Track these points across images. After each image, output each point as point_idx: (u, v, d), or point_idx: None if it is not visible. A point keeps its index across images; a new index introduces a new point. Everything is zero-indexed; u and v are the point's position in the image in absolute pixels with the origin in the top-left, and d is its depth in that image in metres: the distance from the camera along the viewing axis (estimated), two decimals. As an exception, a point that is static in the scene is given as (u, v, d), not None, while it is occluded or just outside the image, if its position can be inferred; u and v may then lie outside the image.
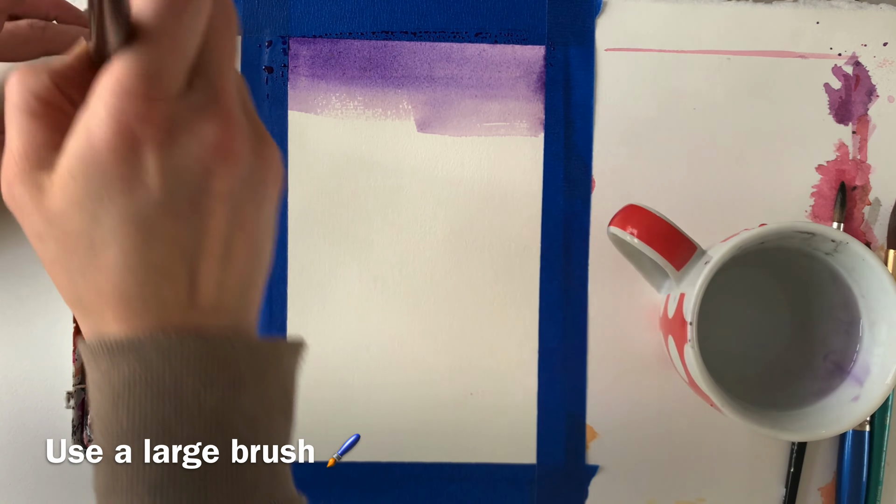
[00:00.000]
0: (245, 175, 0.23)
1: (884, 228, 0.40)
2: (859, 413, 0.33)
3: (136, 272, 0.22)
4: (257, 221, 0.24)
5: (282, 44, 0.40)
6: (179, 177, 0.22)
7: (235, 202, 0.23)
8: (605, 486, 0.40)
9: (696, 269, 0.34)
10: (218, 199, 0.22)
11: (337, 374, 0.40)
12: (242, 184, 0.23)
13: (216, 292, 0.23)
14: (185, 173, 0.22)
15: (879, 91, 0.41)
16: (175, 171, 0.22)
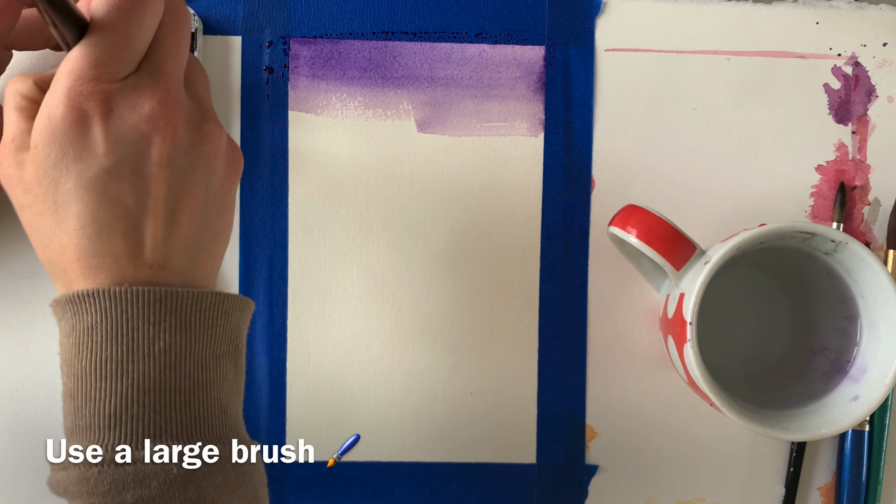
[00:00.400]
0: (185, 146, 0.27)
1: (883, 228, 0.40)
2: (859, 413, 0.33)
3: (88, 229, 0.26)
4: (202, 192, 0.28)
5: (282, 44, 0.40)
6: (121, 144, 0.26)
7: (176, 170, 0.27)
8: (605, 486, 0.40)
9: (695, 269, 0.34)
10: (157, 165, 0.27)
11: (337, 374, 0.40)
12: (182, 154, 0.27)
13: (162, 249, 0.27)
14: (125, 141, 0.26)
15: (879, 91, 0.41)
16: (117, 139, 0.26)
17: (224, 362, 0.28)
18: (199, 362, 0.27)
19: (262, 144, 0.40)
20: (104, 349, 0.26)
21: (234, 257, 0.40)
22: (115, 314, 0.26)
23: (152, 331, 0.26)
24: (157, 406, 0.26)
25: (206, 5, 0.40)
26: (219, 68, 0.40)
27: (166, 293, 0.26)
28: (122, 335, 0.26)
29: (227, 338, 0.28)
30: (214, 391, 0.28)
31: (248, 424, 0.40)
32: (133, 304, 0.26)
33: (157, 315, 0.26)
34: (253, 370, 0.40)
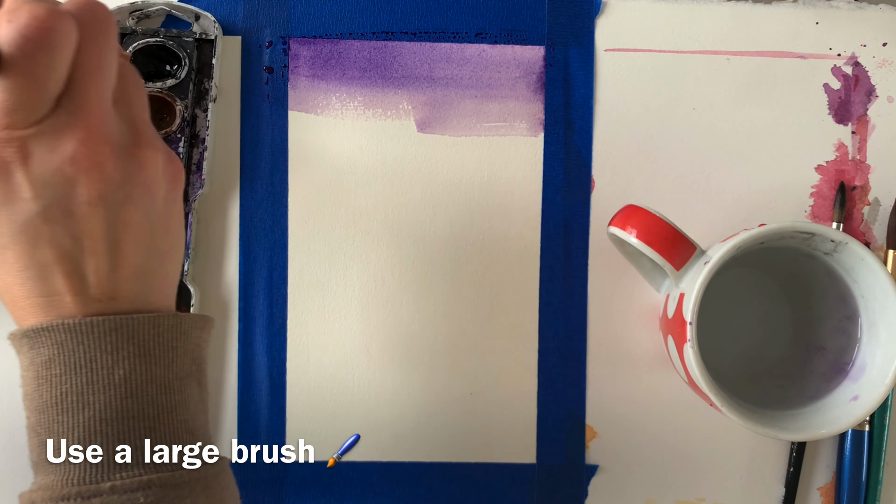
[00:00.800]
0: (118, 180, 0.26)
1: (883, 228, 0.40)
2: (859, 413, 0.33)
3: (30, 271, 0.25)
4: (144, 219, 0.27)
5: (282, 44, 0.40)
6: (47, 188, 0.25)
7: (111, 205, 0.26)
8: (605, 486, 0.40)
9: (695, 269, 0.34)
10: (88, 204, 0.25)
11: (337, 374, 0.40)
12: (117, 188, 0.26)
13: (109, 283, 0.26)
14: (52, 185, 0.25)
15: (879, 91, 0.41)
16: (43, 184, 0.25)
17: (188, 383, 0.28)
18: (162, 386, 0.26)
19: (262, 144, 0.40)
20: (63, 381, 0.25)
21: (234, 257, 0.40)
22: (71, 346, 0.25)
23: (110, 360, 0.25)
24: (122, 434, 0.26)
25: (206, 5, 0.40)
26: (219, 68, 0.40)
27: (122, 321, 0.26)
28: (80, 366, 0.25)
29: (188, 358, 0.28)
30: (180, 413, 0.27)
31: (248, 424, 0.40)
32: (88, 334, 0.25)
33: (114, 343, 0.26)
34: (253, 370, 0.40)
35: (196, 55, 0.39)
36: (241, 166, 0.40)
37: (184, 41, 0.39)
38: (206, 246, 0.40)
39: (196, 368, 0.28)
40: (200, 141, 0.39)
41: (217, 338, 0.40)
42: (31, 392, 0.26)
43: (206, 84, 0.39)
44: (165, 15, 0.40)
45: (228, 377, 0.40)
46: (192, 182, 0.39)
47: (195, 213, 0.39)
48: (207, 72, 0.39)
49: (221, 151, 0.40)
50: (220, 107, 0.40)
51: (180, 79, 0.38)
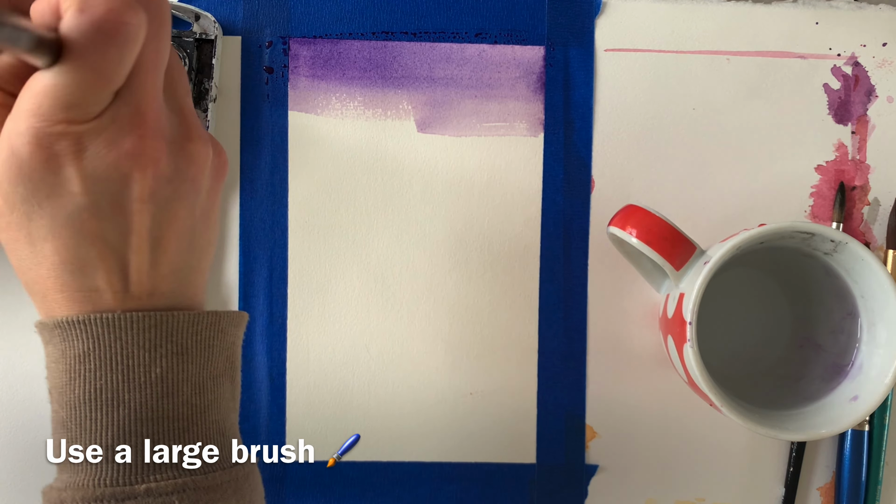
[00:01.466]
0: (168, 176, 0.25)
1: (883, 228, 0.40)
2: (858, 413, 0.33)
3: (70, 266, 0.24)
4: (188, 215, 0.26)
5: (282, 44, 0.40)
6: (100, 183, 0.24)
7: (160, 201, 0.25)
8: (605, 486, 0.40)
9: (695, 269, 0.34)
10: (139, 201, 0.25)
11: (337, 374, 0.40)
12: (166, 184, 0.25)
13: (149, 280, 0.25)
14: (104, 180, 0.24)
15: (879, 91, 0.41)
16: (95, 179, 0.24)
17: (221, 381, 0.27)
18: (197, 386, 0.26)
19: (262, 144, 0.40)
20: (98, 377, 0.24)
21: (234, 257, 0.40)
22: (108, 341, 0.24)
23: (148, 357, 0.25)
24: (156, 436, 0.25)
25: (206, 5, 0.40)
26: (219, 68, 0.40)
27: (161, 318, 0.25)
28: (116, 363, 0.24)
29: (223, 356, 0.27)
30: (212, 414, 0.27)
31: (248, 424, 0.40)
32: (127, 330, 0.25)
33: (152, 340, 0.25)
34: (253, 370, 0.40)
35: (196, 55, 0.39)
36: (241, 166, 0.40)
37: (184, 41, 0.39)
38: (206, 246, 0.40)
39: (230, 366, 0.28)
40: (200, 141, 0.39)
41: (217, 338, 0.40)
42: (62, 386, 0.25)
43: (207, 84, 0.39)
44: (165, 15, 0.40)
45: (228, 377, 0.40)
46: (192, 182, 0.39)
47: (195, 213, 0.39)
48: (207, 72, 0.39)
49: (221, 151, 0.40)
50: (221, 107, 0.40)
51: (180, 79, 0.38)
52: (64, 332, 0.25)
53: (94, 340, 0.24)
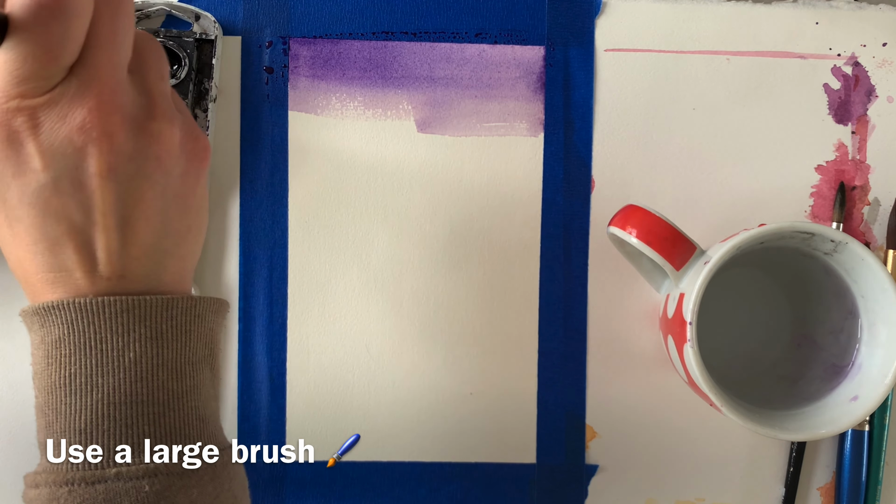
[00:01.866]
0: (128, 152, 0.25)
1: (883, 228, 0.40)
2: (859, 413, 0.33)
3: (40, 245, 0.25)
4: (156, 196, 0.26)
5: (282, 44, 0.40)
6: (57, 158, 0.24)
7: (122, 178, 0.25)
8: (605, 486, 0.40)
9: (695, 269, 0.34)
10: (98, 176, 0.25)
11: (337, 374, 0.40)
12: (127, 160, 0.25)
13: (119, 261, 0.25)
14: (61, 155, 0.24)
15: (879, 91, 0.41)
16: (52, 154, 0.24)
17: (201, 368, 0.27)
18: (174, 371, 0.26)
19: (262, 144, 0.40)
20: (72, 362, 0.25)
21: (234, 257, 0.40)
22: (81, 326, 0.25)
23: (121, 342, 0.25)
24: (129, 420, 0.25)
25: (205, 5, 0.40)
26: (219, 68, 0.40)
27: (134, 302, 0.25)
28: (90, 347, 0.25)
29: (202, 342, 0.27)
30: (192, 400, 0.27)
31: (248, 424, 0.40)
32: (99, 314, 0.25)
33: (125, 325, 0.25)
34: (253, 370, 0.40)
35: (196, 55, 0.39)
36: (241, 166, 0.40)
37: (184, 41, 0.39)
38: (205, 246, 0.40)
39: (209, 353, 0.28)
40: (200, 141, 0.39)
41: (217, 338, 0.40)
42: (41, 371, 0.25)
43: (206, 84, 0.39)
44: (165, 15, 0.40)
45: (228, 377, 0.40)
46: (192, 182, 0.39)
47: (195, 213, 0.39)
48: (207, 72, 0.39)
49: (221, 151, 0.40)
50: (221, 107, 0.40)
51: (180, 79, 0.38)
52: (42, 318, 0.25)
53: (69, 325, 0.25)
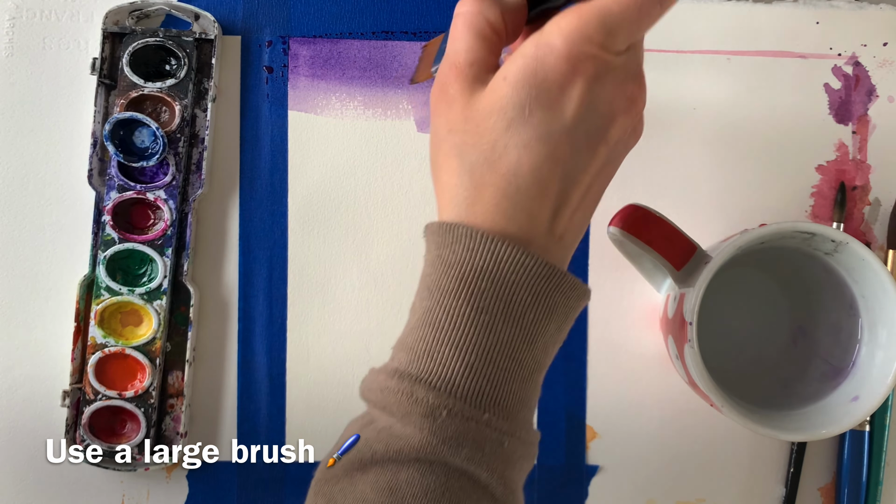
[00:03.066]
0: (630, 131, 0.27)
1: (884, 228, 0.40)
2: (859, 413, 0.33)
3: (522, 181, 0.25)
4: (610, 176, 0.28)
5: (282, 44, 0.40)
6: (591, 113, 0.25)
7: (615, 152, 0.27)
8: (605, 486, 0.40)
9: (696, 269, 0.34)
10: (605, 144, 0.26)
11: (337, 374, 0.40)
12: (627, 139, 0.27)
13: (566, 223, 0.26)
14: (596, 112, 0.25)
15: (879, 91, 0.41)
16: (590, 107, 0.25)
17: (555, 349, 0.27)
18: (545, 347, 0.26)
19: (261, 144, 0.40)
20: (485, 298, 0.25)
21: (234, 257, 0.40)
22: (507, 270, 0.25)
23: (529, 302, 0.25)
24: (508, 374, 0.25)
25: (205, 5, 0.40)
26: (218, 67, 0.40)
27: (554, 273, 0.26)
28: (505, 295, 0.25)
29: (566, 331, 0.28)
30: (541, 376, 0.27)
31: (248, 425, 0.40)
32: (527, 270, 0.25)
33: (541, 289, 0.25)
34: (253, 370, 0.40)
35: (196, 55, 0.39)
36: (241, 166, 0.40)
37: (183, 41, 0.39)
38: (205, 246, 0.40)
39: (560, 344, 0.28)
40: (200, 141, 0.39)
41: (217, 338, 0.40)
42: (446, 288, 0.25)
43: (206, 84, 0.39)
44: (165, 15, 0.40)
45: (228, 377, 0.40)
46: (191, 182, 0.39)
47: (195, 213, 0.39)
48: (207, 71, 0.39)
49: (221, 151, 0.40)
50: (220, 106, 0.40)
51: (180, 78, 0.38)
52: (473, 244, 0.25)
53: (496, 265, 0.25)
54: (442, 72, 0.27)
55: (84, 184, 0.39)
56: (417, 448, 0.24)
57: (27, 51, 0.40)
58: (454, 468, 0.24)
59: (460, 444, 0.24)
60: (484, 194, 0.26)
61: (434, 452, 0.24)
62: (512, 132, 0.25)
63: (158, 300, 0.38)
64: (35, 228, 0.39)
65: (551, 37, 0.25)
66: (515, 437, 0.25)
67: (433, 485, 0.24)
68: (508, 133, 0.25)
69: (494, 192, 0.25)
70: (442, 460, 0.24)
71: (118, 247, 0.38)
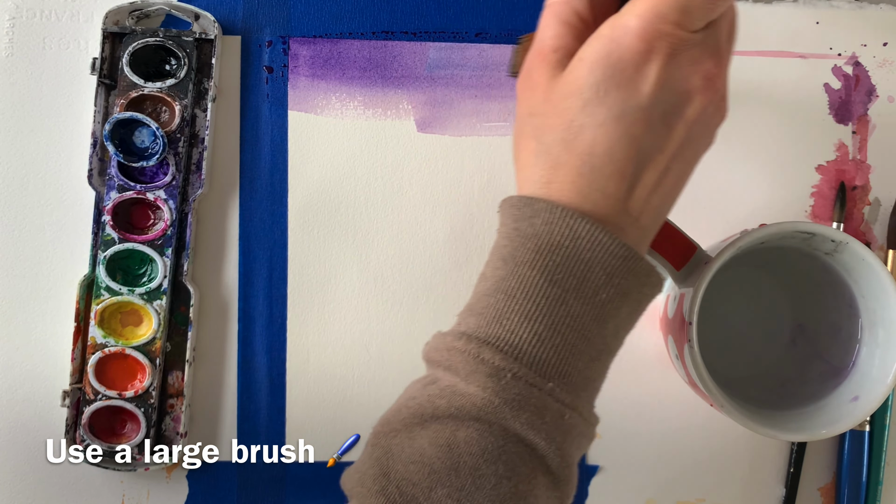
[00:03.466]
0: (710, 112, 0.26)
1: (884, 228, 0.40)
2: (859, 413, 0.33)
3: (597, 159, 0.25)
4: (693, 160, 0.27)
5: (282, 44, 0.40)
6: (666, 91, 0.25)
7: (691, 133, 0.26)
8: (605, 486, 0.40)
9: (696, 269, 0.34)
10: (683, 123, 0.26)
11: (337, 374, 0.40)
12: (704, 118, 0.26)
13: (642, 204, 0.26)
14: (672, 90, 0.25)
15: (879, 91, 0.41)
16: (665, 85, 0.25)
17: (625, 335, 0.27)
18: (615, 330, 0.26)
19: (261, 144, 0.40)
20: (558, 272, 0.25)
21: (234, 257, 0.40)
22: (583, 247, 0.25)
23: (603, 281, 0.25)
24: (575, 349, 0.25)
25: (205, 5, 0.40)
26: (218, 67, 0.40)
27: (631, 255, 0.26)
28: (579, 271, 0.25)
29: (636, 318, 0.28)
30: (609, 361, 0.27)
31: (248, 424, 0.40)
32: (604, 248, 0.25)
33: (615, 269, 0.25)
34: (253, 370, 0.40)
35: (196, 55, 0.39)
36: (241, 166, 0.40)
37: (183, 41, 0.39)
38: (205, 246, 0.40)
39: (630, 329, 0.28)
40: (200, 141, 0.39)
41: (217, 338, 0.40)
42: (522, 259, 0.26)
43: (206, 84, 0.39)
44: (165, 15, 0.40)
45: (228, 377, 0.40)
46: (191, 182, 0.39)
47: (195, 213, 0.39)
48: (207, 71, 0.39)
49: (221, 151, 0.40)
50: (220, 106, 0.40)
51: (180, 78, 0.38)
52: (552, 217, 0.25)
53: (573, 240, 0.25)
54: (528, 59, 0.28)
55: (84, 184, 0.39)
56: (479, 407, 0.24)
57: (27, 51, 0.40)
58: (513, 433, 0.24)
59: (522, 408, 0.24)
60: (560, 173, 0.26)
61: (495, 413, 0.24)
62: (587, 112, 0.25)
63: (158, 300, 0.38)
64: (35, 228, 0.39)
65: (626, 17, 0.25)
66: (577, 413, 0.25)
67: (490, 446, 0.24)
68: (584, 113, 0.25)
69: (569, 171, 0.26)
70: (502, 423, 0.24)
71: (118, 247, 0.38)
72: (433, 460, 0.24)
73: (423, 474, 0.24)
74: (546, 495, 0.25)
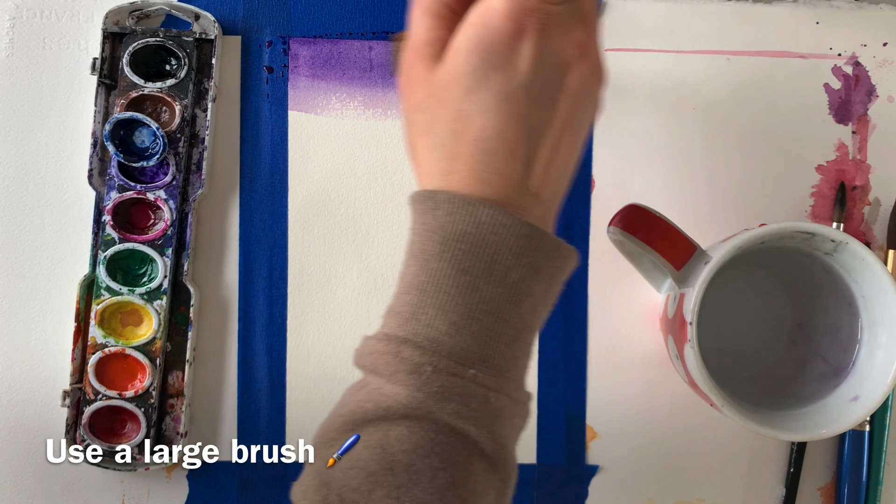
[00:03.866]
0: (588, 79, 0.27)
1: (884, 228, 0.40)
2: (859, 413, 0.33)
3: (489, 143, 0.26)
4: (582, 129, 0.27)
5: (282, 44, 0.40)
6: (544, 66, 0.26)
7: (574, 102, 0.27)
8: (605, 486, 0.40)
9: (696, 269, 0.34)
10: (565, 95, 0.26)
11: (337, 374, 0.40)
12: (584, 86, 0.27)
13: (541, 180, 0.26)
14: (549, 63, 0.26)
15: (879, 91, 0.41)
16: (542, 60, 0.26)
17: (545, 312, 0.28)
18: (532, 307, 0.26)
19: (262, 144, 0.40)
20: (467, 259, 0.25)
21: (234, 257, 0.40)
22: (487, 232, 0.25)
23: (512, 261, 0.25)
24: (493, 332, 0.25)
25: (205, 5, 0.40)
26: (218, 67, 0.40)
27: (536, 232, 0.26)
28: (486, 255, 0.25)
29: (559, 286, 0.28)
30: (530, 339, 0.27)
31: (248, 424, 0.40)
32: (506, 229, 0.25)
33: (522, 248, 0.25)
34: (253, 370, 0.40)
35: (196, 55, 0.39)
36: (241, 166, 0.40)
37: (183, 41, 0.39)
38: (205, 246, 0.40)
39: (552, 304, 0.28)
40: (200, 141, 0.39)
41: (217, 338, 0.40)
42: (430, 253, 0.26)
43: (206, 84, 0.39)
44: (165, 15, 0.40)
45: (228, 377, 0.40)
46: (191, 182, 0.39)
47: (195, 213, 0.39)
48: (207, 71, 0.39)
49: (221, 151, 0.40)
50: (220, 106, 0.40)
51: (180, 78, 0.38)
52: (454, 208, 0.25)
53: (476, 226, 0.25)
54: (404, 56, 0.28)
55: (84, 184, 0.39)
56: (405, 405, 0.24)
57: (27, 51, 0.40)
58: (443, 424, 0.24)
59: (446, 399, 0.24)
60: (457, 163, 0.26)
61: (421, 408, 0.24)
62: (471, 99, 0.26)
63: (158, 300, 0.38)
64: (35, 228, 0.39)
65: (492, 0, 0.25)
66: (503, 394, 0.25)
67: (422, 441, 0.24)
68: (468, 100, 0.26)
69: (466, 159, 0.26)
70: (430, 416, 0.24)
71: (118, 247, 0.38)
72: (369, 463, 0.24)
73: (361, 478, 0.24)
74: (486, 479, 0.25)
